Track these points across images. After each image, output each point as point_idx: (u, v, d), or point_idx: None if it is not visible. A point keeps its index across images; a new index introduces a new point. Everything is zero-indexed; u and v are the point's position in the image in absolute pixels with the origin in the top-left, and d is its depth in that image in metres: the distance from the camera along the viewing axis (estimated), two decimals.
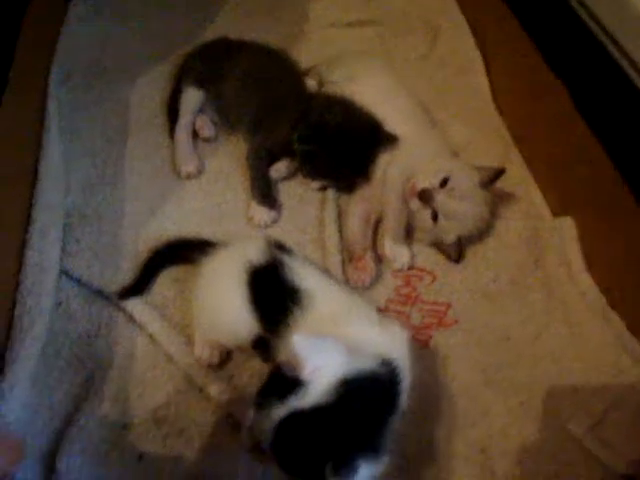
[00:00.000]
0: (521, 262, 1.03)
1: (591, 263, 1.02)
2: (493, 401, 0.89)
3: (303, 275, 0.78)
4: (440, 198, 0.95)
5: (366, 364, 0.66)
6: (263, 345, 0.79)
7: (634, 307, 0.95)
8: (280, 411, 0.61)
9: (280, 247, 0.84)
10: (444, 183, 0.95)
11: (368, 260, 0.97)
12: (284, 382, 0.63)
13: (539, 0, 1.12)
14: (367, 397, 0.64)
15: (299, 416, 0.61)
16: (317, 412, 0.61)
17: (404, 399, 0.69)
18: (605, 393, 0.91)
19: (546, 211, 1.09)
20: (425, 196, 0.95)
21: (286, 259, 0.80)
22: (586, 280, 1.01)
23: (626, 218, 0.95)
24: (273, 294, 0.78)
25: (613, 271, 0.98)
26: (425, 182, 0.96)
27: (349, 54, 1.23)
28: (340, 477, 0.58)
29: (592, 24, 1.00)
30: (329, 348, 0.65)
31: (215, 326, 0.84)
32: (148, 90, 1.20)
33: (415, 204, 0.97)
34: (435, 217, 0.96)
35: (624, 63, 0.95)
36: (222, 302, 0.82)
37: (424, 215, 0.97)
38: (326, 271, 0.93)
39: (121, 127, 1.15)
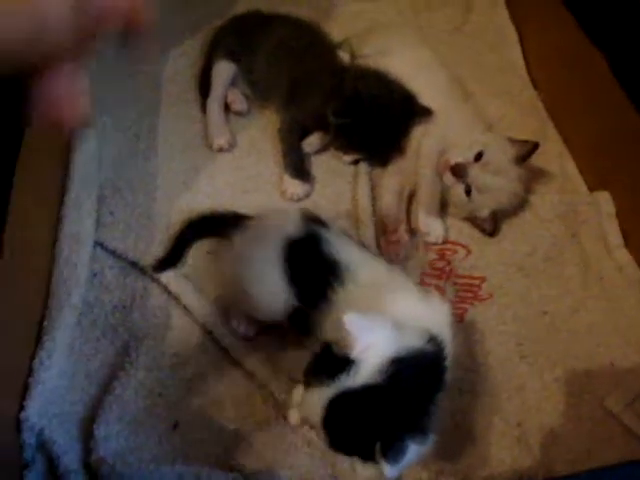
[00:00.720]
0: (557, 237, 1.01)
1: (628, 238, 1.00)
2: (529, 375, 0.88)
3: (341, 248, 0.77)
4: (474, 172, 0.94)
5: (414, 342, 0.65)
6: (300, 319, 0.78)
7: None
8: (330, 390, 0.61)
9: (316, 220, 0.83)
10: (478, 157, 0.94)
11: (402, 233, 0.96)
12: (333, 360, 0.63)
13: None
14: (416, 376, 0.64)
15: (349, 395, 0.61)
16: (367, 392, 0.61)
17: (448, 375, 0.68)
18: None
19: (583, 186, 1.07)
20: (458, 170, 0.94)
21: (323, 232, 0.79)
22: (624, 255, 0.99)
23: None
24: (311, 268, 0.77)
25: None
26: (459, 156, 0.95)
27: (381, 27, 1.21)
28: (389, 457, 0.57)
29: None
30: (379, 326, 0.64)
31: (251, 300, 0.83)
32: (180, 64, 1.20)
33: (449, 178, 0.96)
34: (469, 191, 0.95)
35: None
36: (258, 276, 0.80)
37: (458, 189, 0.96)
38: (361, 244, 0.93)
39: (153, 101, 1.14)
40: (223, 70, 1.12)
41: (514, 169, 0.95)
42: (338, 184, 1.05)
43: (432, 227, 0.97)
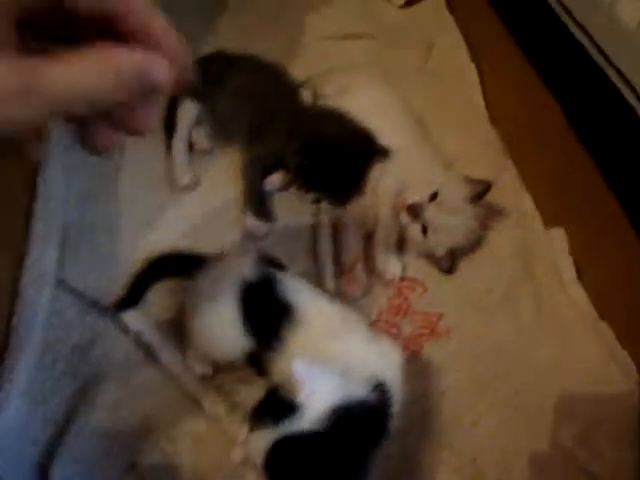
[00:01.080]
0: (513, 273, 1.04)
1: (582, 275, 1.03)
2: (484, 412, 0.90)
3: (295, 291, 0.79)
4: (429, 212, 0.96)
5: (359, 390, 0.66)
6: (256, 360, 0.80)
7: (624, 319, 0.96)
8: (274, 433, 0.62)
9: (272, 262, 0.85)
10: (433, 197, 0.97)
11: (359, 272, 0.98)
12: (279, 403, 0.64)
13: (532, 16, 1.12)
14: (358, 424, 0.65)
15: (292, 440, 0.62)
16: (309, 438, 0.62)
17: (394, 422, 0.70)
18: (595, 404, 0.91)
19: (538, 222, 1.10)
20: (414, 210, 0.96)
21: (278, 275, 0.81)
22: (577, 291, 1.01)
23: (616, 231, 0.95)
24: (265, 310, 0.78)
25: (603, 283, 0.99)
26: (415, 196, 0.97)
27: (343, 67, 1.24)
28: None
29: (585, 40, 1.00)
30: (326, 374, 0.65)
31: (208, 341, 0.84)
32: None
33: (405, 218, 0.98)
34: (425, 230, 0.97)
35: (615, 78, 0.96)
36: (215, 318, 0.82)
37: (414, 228, 0.98)
38: (319, 284, 0.95)
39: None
40: (188, 110, 1.14)
41: (469, 208, 0.98)
42: (299, 222, 1.07)
43: (389, 265, 0.99)
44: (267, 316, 0.78)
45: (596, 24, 0.99)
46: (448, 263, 1.00)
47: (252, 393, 0.85)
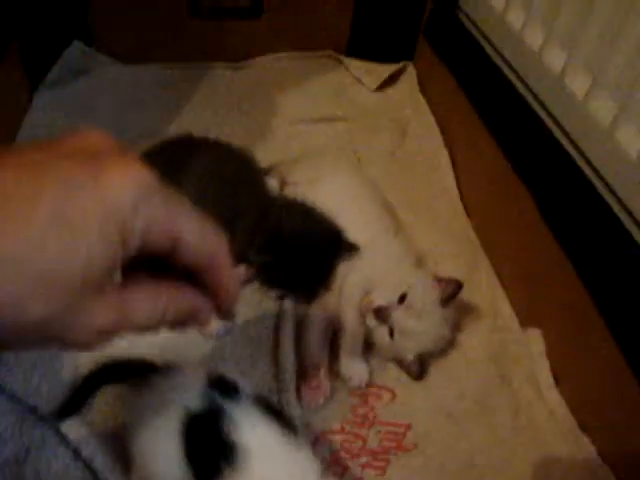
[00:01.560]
0: (487, 379, 0.97)
1: (559, 381, 0.97)
2: None
3: (243, 427, 0.70)
4: (397, 316, 0.90)
5: None
6: None
7: (605, 430, 0.89)
8: None
9: (224, 387, 0.77)
10: (402, 299, 0.91)
11: (322, 378, 0.91)
12: None
13: (506, 109, 1.11)
14: None
15: None
16: None
17: None
18: None
19: (514, 323, 1.05)
20: (381, 314, 0.90)
21: (227, 406, 0.72)
22: (554, 397, 0.95)
23: (594, 333, 0.90)
24: (207, 448, 0.70)
25: (582, 390, 0.93)
26: (382, 298, 0.92)
27: (313, 152, 1.21)
28: None
29: (564, 141, 0.98)
30: None
31: (146, 467, 0.75)
32: None
33: (371, 320, 0.92)
34: (392, 334, 0.91)
35: (592, 176, 0.93)
36: (153, 446, 0.73)
37: (381, 332, 0.92)
38: (279, 390, 0.88)
39: None
40: None
41: (439, 311, 0.92)
42: (261, 321, 1.00)
43: (354, 371, 0.92)
44: (208, 455, 0.69)
45: (567, 120, 0.97)
46: (417, 369, 0.94)
47: None
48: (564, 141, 0.98)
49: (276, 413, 0.76)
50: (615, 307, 0.86)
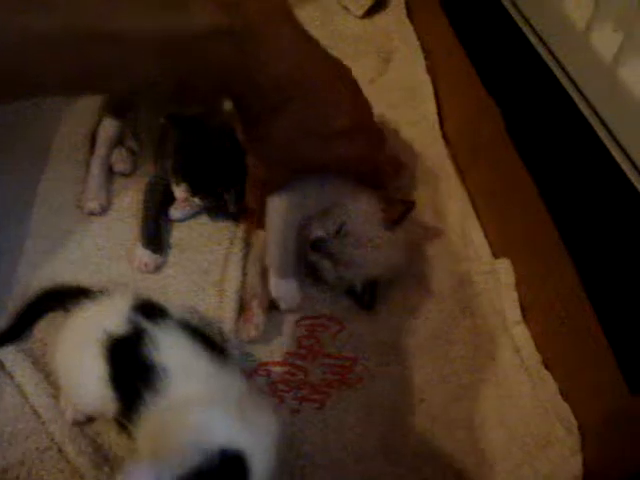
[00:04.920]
0: (447, 311, 0.91)
1: (527, 312, 0.89)
2: (392, 477, 0.77)
3: (165, 350, 0.69)
4: (335, 247, 0.84)
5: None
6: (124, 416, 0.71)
7: (569, 369, 0.82)
8: None
9: (150, 309, 0.75)
10: (338, 230, 0.85)
11: (255, 309, 0.86)
12: None
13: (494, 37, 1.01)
14: None
15: None
16: None
17: None
18: (531, 466, 0.78)
19: (485, 253, 0.97)
20: (318, 246, 0.84)
21: (149, 328, 0.71)
22: (521, 333, 0.88)
23: (558, 264, 0.82)
24: (129, 370, 0.69)
25: (547, 325, 0.85)
26: (318, 230, 0.86)
27: None
28: None
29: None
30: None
31: (72, 389, 0.76)
32: (73, 123, 1.14)
33: (312, 255, 0.86)
34: (336, 265, 0.85)
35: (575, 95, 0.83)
36: (77, 368, 0.74)
37: (324, 264, 0.86)
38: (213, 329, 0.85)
39: (39, 159, 1.09)
40: (108, 127, 1.06)
41: (384, 236, 0.86)
42: (212, 250, 0.96)
43: (284, 291, 0.86)
44: (130, 377, 0.68)
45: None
46: (367, 298, 0.88)
47: (121, 447, 0.77)
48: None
49: (203, 336, 0.75)
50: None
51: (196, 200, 0.92)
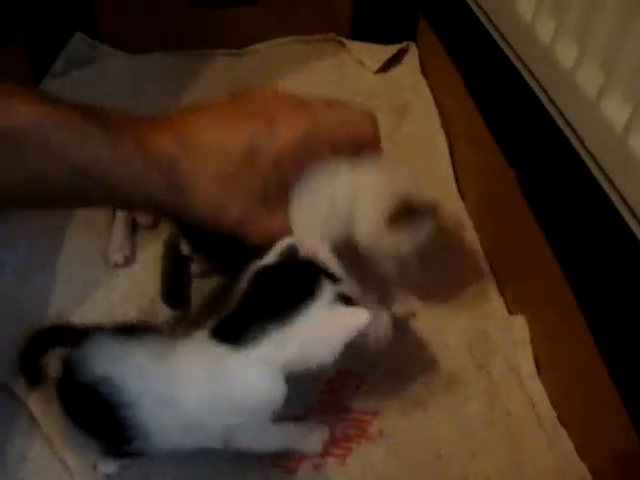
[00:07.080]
0: (462, 366, 0.93)
1: (541, 371, 0.91)
2: None
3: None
4: None
5: None
6: None
7: (584, 426, 0.84)
8: None
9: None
10: None
11: None
12: None
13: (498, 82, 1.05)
14: None
15: None
16: None
17: None
18: None
19: (500, 309, 0.99)
20: None
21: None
22: (536, 389, 0.90)
23: (572, 320, 0.84)
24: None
25: (563, 383, 0.87)
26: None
27: None
28: None
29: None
30: None
31: None
32: None
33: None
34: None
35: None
36: None
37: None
38: None
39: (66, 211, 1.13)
40: None
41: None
42: None
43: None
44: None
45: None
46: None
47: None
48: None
49: None
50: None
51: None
